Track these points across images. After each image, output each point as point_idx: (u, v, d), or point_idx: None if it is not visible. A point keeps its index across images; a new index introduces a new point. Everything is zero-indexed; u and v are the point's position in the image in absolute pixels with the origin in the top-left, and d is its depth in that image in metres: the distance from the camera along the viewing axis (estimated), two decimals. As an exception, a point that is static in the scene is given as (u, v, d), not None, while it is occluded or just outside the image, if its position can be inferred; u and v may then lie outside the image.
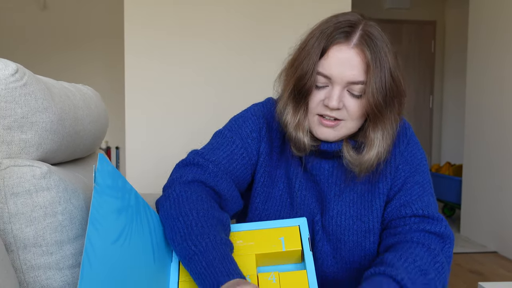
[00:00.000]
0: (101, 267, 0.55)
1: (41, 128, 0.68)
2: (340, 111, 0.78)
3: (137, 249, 0.66)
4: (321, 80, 0.77)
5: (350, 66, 0.75)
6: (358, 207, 0.85)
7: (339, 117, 0.78)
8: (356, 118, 0.79)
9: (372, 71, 0.75)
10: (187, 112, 2.41)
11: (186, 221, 0.71)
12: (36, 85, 0.68)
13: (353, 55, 0.75)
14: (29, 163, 0.66)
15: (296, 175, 0.86)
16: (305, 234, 0.79)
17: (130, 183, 0.70)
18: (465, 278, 2.45)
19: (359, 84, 0.76)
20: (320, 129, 0.80)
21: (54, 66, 3.72)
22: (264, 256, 0.78)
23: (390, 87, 0.76)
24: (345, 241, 0.85)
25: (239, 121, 0.88)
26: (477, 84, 3.18)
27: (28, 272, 0.65)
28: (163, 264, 0.74)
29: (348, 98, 0.77)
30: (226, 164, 0.83)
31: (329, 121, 0.78)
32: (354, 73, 0.75)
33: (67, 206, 0.68)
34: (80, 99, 0.86)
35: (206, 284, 0.65)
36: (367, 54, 0.75)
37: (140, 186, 2.35)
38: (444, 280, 0.78)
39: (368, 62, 0.75)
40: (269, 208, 0.88)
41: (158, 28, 2.35)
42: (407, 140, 0.87)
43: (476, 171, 3.17)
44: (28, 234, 0.65)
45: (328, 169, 0.86)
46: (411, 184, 0.84)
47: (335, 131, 0.80)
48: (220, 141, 0.86)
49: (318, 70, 0.77)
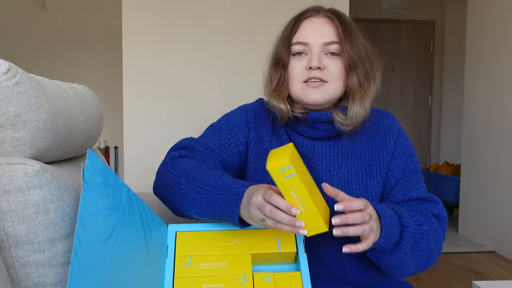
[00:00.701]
0: (91, 266, 0.55)
1: (33, 126, 0.68)
2: (323, 72, 0.86)
3: (130, 246, 0.67)
4: (299, 47, 0.88)
5: (322, 30, 0.87)
6: (353, 186, 0.88)
7: (323, 78, 0.86)
8: (338, 77, 0.87)
9: (343, 33, 0.86)
10: (186, 112, 2.41)
11: (187, 176, 0.78)
12: (28, 84, 0.68)
13: (324, 22, 0.88)
14: (21, 161, 0.66)
15: None
16: (300, 236, 0.79)
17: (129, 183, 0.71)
18: (463, 277, 2.46)
19: (334, 44, 0.87)
20: (308, 92, 0.87)
21: (53, 66, 3.73)
22: (259, 256, 0.79)
23: (362, 45, 0.88)
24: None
25: (228, 115, 0.97)
26: (475, 84, 3.18)
27: (20, 269, 0.66)
28: (158, 260, 0.74)
29: (327, 59, 0.87)
30: (213, 147, 0.90)
31: (314, 82, 0.87)
32: (327, 34, 0.87)
33: (60, 204, 0.68)
34: (74, 97, 0.86)
35: (229, 206, 0.71)
36: (336, 22, 0.88)
37: (138, 185, 2.35)
38: (438, 244, 0.84)
39: (337, 26, 0.87)
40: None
41: (157, 28, 2.35)
42: (397, 130, 0.95)
43: (474, 171, 3.18)
44: (20, 231, 0.65)
45: (322, 151, 0.90)
46: (409, 172, 0.91)
47: (321, 92, 0.87)
48: (209, 131, 0.95)
49: (295, 41, 0.88)
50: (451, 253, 2.91)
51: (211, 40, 2.36)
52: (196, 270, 0.76)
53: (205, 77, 2.40)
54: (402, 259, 0.79)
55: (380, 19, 4.73)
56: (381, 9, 4.74)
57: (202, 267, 0.76)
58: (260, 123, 0.95)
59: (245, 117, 0.95)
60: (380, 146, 0.92)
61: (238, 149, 0.92)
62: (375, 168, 0.90)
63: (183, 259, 0.77)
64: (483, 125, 3.07)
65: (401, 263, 0.80)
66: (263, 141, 0.94)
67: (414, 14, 4.79)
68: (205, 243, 0.79)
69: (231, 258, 0.77)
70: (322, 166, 0.90)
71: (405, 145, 0.94)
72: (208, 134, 0.93)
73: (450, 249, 2.99)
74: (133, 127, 2.39)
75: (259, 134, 0.94)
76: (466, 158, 3.28)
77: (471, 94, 3.23)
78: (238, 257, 0.77)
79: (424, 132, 4.90)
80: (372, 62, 0.90)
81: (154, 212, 0.81)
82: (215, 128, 0.94)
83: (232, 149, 0.92)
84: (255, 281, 0.74)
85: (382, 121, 0.95)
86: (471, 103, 3.22)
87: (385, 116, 0.96)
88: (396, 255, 0.78)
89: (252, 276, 0.75)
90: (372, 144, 0.92)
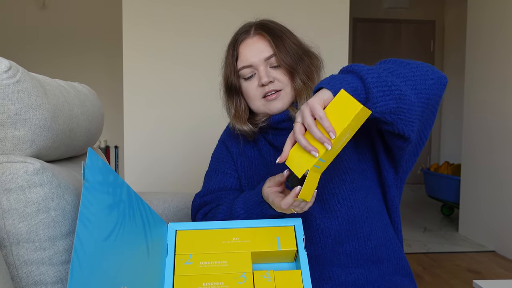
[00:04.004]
0: (92, 264, 0.55)
1: (34, 125, 0.68)
2: (274, 83, 0.93)
3: (130, 245, 0.67)
4: (247, 71, 0.95)
5: (258, 48, 0.94)
6: (345, 171, 0.93)
7: (277, 88, 0.93)
8: (287, 83, 0.94)
9: (274, 44, 0.93)
10: (186, 112, 2.41)
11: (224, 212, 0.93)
12: (29, 82, 0.68)
13: (256, 40, 0.95)
14: (22, 159, 0.66)
15: (269, 154, 1.00)
16: (300, 235, 0.80)
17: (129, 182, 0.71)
18: (463, 277, 2.46)
19: (272, 57, 0.93)
20: (269, 105, 0.95)
21: (53, 66, 3.73)
22: (259, 254, 0.79)
23: (295, 50, 0.94)
24: (330, 191, 0.92)
25: (213, 155, 1.09)
26: (475, 83, 3.18)
27: (21, 267, 0.66)
28: (158, 258, 0.74)
29: (272, 71, 0.94)
30: (219, 187, 1.02)
31: (272, 95, 0.93)
32: (264, 50, 0.94)
33: (60, 202, 0.68)
34: (74, 96, 0.86)
35: (254, 207, 0.86)
36: (266, 35, 0.94)
37: (139, 185, 2.36)
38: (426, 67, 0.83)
39: (269, 39, 0.94)
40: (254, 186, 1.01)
41: (157, 28, 2.35)
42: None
43: (474, 171, 3.18)
44: (21, 229, 0.65)
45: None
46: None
47: (281, 100, 0.94)
48: (206, 178, 1.06)
49: (240, 66, 0.95)
50: (452, 252, 2.91)
51: (211, 40, 2.37)
52: (196, 269, 0.76)
53: (205, 76, 2.40)
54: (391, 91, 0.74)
55: (380, 18, 4.73)
56: (381, 9, 4.74)
57: (202, 265, 0.76)
58: (237, 141, 1.04)
59: (224, 147, 1.06)
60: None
61: (236, 174, 1.04)
62: (361, 150, 0.95)
63: (183, 258, 0.77)
64: (483, 124, 3.07)
65: (396, 99, 0.75)
66: (246, 152, 1.03)
67: (414, 13, 4.79)
68: (205, 242, 0.79)
69: (231, 256, 0.77)
70: None
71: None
72: (207, 180, 1.05)
73: (450, 248, 3.00)
74: (133, 126, 2.39)
75: (240, 150, 1.04)
76: (466, 158, 3.28)
77: (471, 93, 3.23)
78: (238, 255, 0.77)
79: (424, 132, 4.90)
80: (312, 58, 0.97)
81: (154, 211, 0.82)
82: (210, 172, 1.06)
83: (231, 177, 1.03)
84: (255, 280, 0.74)
85: None
86: (471, 102, 3.22)
87: None
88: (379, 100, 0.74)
89: (252, 275, 0.75)
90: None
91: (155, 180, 2.40)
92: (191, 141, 2.39)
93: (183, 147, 2.40)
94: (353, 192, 0.90)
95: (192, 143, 2.39)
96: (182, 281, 0.74)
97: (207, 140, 2.66)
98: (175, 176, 2.40)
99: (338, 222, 0.90)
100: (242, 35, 0.97)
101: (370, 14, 4.69)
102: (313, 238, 0.90)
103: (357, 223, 0.90)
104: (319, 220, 0.90)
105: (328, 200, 0.90)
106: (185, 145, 2.39)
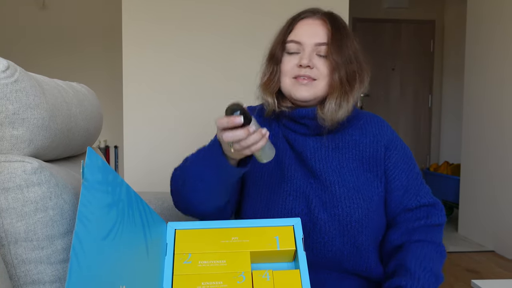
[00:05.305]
0: (91, 264, 0.55)
1: (32, 124, 0.68)
2: (312, 70, 0.91)
3: (129, 244, 0.67)
4: (293, 47, 0.93)
5: (315, 31, 0.92)
6: (346, 177, 0.93)
7: (312, 76, 0.91)
8: (324, 76, 0.91)
9: (332, 36, 0.91)
10: (186, 111, 2.41)
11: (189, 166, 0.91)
12: (27, 82, 0.68)
13: (318, 23, 0.93)
14: (20, 159, 0.66)
15: (284, 152, 0.97)
16: (299, 234, 0.80)
17: (129, 182, 0.71)
18: (462, 277, 2.46)
19: (324, 45, 0.91)
20: (296, 87, 0.92)
21: (53, 65, 3.73)
22: (258, 254, 0.79)
23: (348, 50, 0.91)
24: (342, 208, 0.90)
25: None
26: (475, 83, 3.18)
27: (19, 266, 0.66)
28: (157, 257, 0.74)
29: (317, 59, 0.91)
30: None
31: (304, 79, 0.91)
32: (319, 35, 0.91)
33: (58, 201, 0.68)
34: (73, 96, 0.86)
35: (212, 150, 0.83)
36: (328, 24, 0.92)
37: (139, 185, 2.36)
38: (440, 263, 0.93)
39: (329, 28, 0.92)
40: (262, 183, 0.97)
41: (157, 28, 2.35)
42: (390, 131, 1.00)
43: (474, 171, 3.18)
44: (19, 228, 0.65)
45: (313, 145, 0.95)
46: (414, 174, 0.98)
47: (310, 89, 0.92)
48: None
49: (289, 39, 0.93)
50: (451, 252, 2.91)
51: (212, 38, 2.36)
52: (195, 268, 0.76)
53: (205, 76, 2.40)
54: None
55: (380, 18, 4.73)
56: (381, 9, 4.74)
57: (201, 264, 0.76)
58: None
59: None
60: (372, 142, 0.96)
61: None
62: (367, 162, 0.95)
63: (182, 257, 0.77)
64: (483, 124, 3.07)
65: None
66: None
67: (414, 13, 4.79)
68: (204, 241, 0.79)
69: (230, 256, 0.77)
70: (315, 159, 0.94)
71: (403, 148, 0.99)
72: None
73: (449, 248, 3.00)
74: (133, 126, 2.39)
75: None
76: (466, 158, 3.28)
77: (470, 93, 3.23)
78: (237, 255, 0.77)
79: (424, 132, 4.90)
80: (361, 66, 0.94)
81: (154, 210, 0.82)
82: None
83: None
84: (254, 279, 0.74)
85: (373, 121, 1.00)
86: (471, 102, 3.22)
87: (377, 118, 1.02)
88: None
89: (251, 274, 0.75)
90: (364, 139, 0.97)
91: (155, 180, 2.40)
92: (192, 141, 2.39)
93: (184, 147, 2.39)
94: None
95: (193, 142, 2.38)
96: (181, 281, 0.74)
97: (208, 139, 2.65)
98: (175, 176, 2.40)
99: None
100: (307, 13, 0.96)
101: (370, 14, 4.69)
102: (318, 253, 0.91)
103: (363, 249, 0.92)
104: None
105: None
106: (186, 145, 2.39)
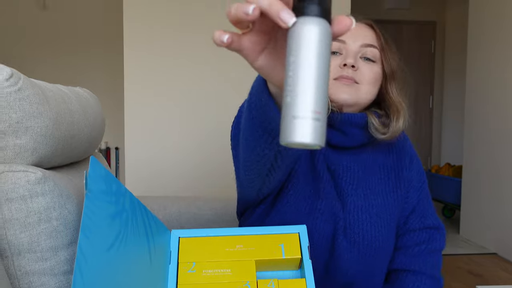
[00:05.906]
0: (94, 275, 0.55)
1: (36, 133, 0.67)
2: (356, 72, 0.83)
3: (133, 254, 0.66)
4: (335, 45, 0.84)
5: (361, 32, 0.85)
6: (372, 202, 0.88)
7: (355, 78, 0.83)
8: (369, 82, 0.84)
9: (383, 40, 0.85)
10: (187, 113, 2.40)
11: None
12: (31, 90, 0.67)
13: (363, 26, 0.86)
14: (23, 169, 0.65)
15: (323, 171, 0.87)
16: (304, 243, 0.79)
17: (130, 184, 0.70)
18: (464, 279, 2.45)
19: (372, 47, 0.84)
20: (338, 89, 0.82)
21: (53, 66, 3.72)
22: (263, 262, 0.78)
23: (397, 58, 0.86)
24: (363, 235, 0.87)
25: None
26: (476, 84, 3.17)
27: (22, 278, 0.65)
28: (161, 266, 0.74)
29: (362, 62, 0.84)
30: None
31: (346, 80, 0.82)
32: (366, 37, 0.84)
33: (62, 212, 0.67)
34: (76, 102, 0.85)
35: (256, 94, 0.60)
36: (377, 29, 0.86)
37: (140, 187, 2.35)
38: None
39: (378, 34, 0.86)
40: (298, 201, 0.87)
41: (158, 29, 2.35)
42: (410, 149, 0.96)
43: (476, 172, 3.17)
44: (23, 240, 0.64)
45: (346, 164, 0.88)
46: (425, 196, 0.95)
47: (352, 92, 0.83)
48: None
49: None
50: (453, 255, 2.90)
51: (212, 41, 2.36)
52: (200, 277, 0.75)
53: (207, 77, 2.39)
54: None
55: (381, 19, 4.72)
56: (382, 10, 4.73)
57: (205, 273, 0.75)
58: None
59: None
60: (395, 163, 0.93)
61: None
62: (391, 185, 0.91)
63: (186, 266, 0.76)
64: (484, 126, 3.06)
65: None
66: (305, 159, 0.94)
67: (415, 14, 4.78)
68: (208, 249, 0.78)
69: (235, 264, 0.76)
70: (346, 179, 0.88)
71: (418, 165, 0.96)
72: None
73: (451, 251, 2.99)
74: (134, 128, 2.38)
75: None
76: (467, 160, 3.28)
77: (472, 94, 3.22)
78: (242, 263, 0.77)
79: (425, 133, 4.90)
80: (405, 78, 0.89)
81: (158, 218, 0.81)
82: None
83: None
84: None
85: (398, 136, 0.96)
86: (472, 104, 3.21)
87: (401, 133, 0.97)
88: None
89: (256, 283, 0.74)
90: (387, 161, 0.92)
91: (156, 181, 2.39)
92: (193, 143, 2.38)
93: (186, 148, 2.39)
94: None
95: (195, 143, 2.38)
96: (185, 290, 0.73)
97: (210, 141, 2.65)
98: (177, 178, 2.40)
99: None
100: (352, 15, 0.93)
101: (371, 15, 4.67)
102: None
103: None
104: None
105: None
106: (187, 147, 2.38)
